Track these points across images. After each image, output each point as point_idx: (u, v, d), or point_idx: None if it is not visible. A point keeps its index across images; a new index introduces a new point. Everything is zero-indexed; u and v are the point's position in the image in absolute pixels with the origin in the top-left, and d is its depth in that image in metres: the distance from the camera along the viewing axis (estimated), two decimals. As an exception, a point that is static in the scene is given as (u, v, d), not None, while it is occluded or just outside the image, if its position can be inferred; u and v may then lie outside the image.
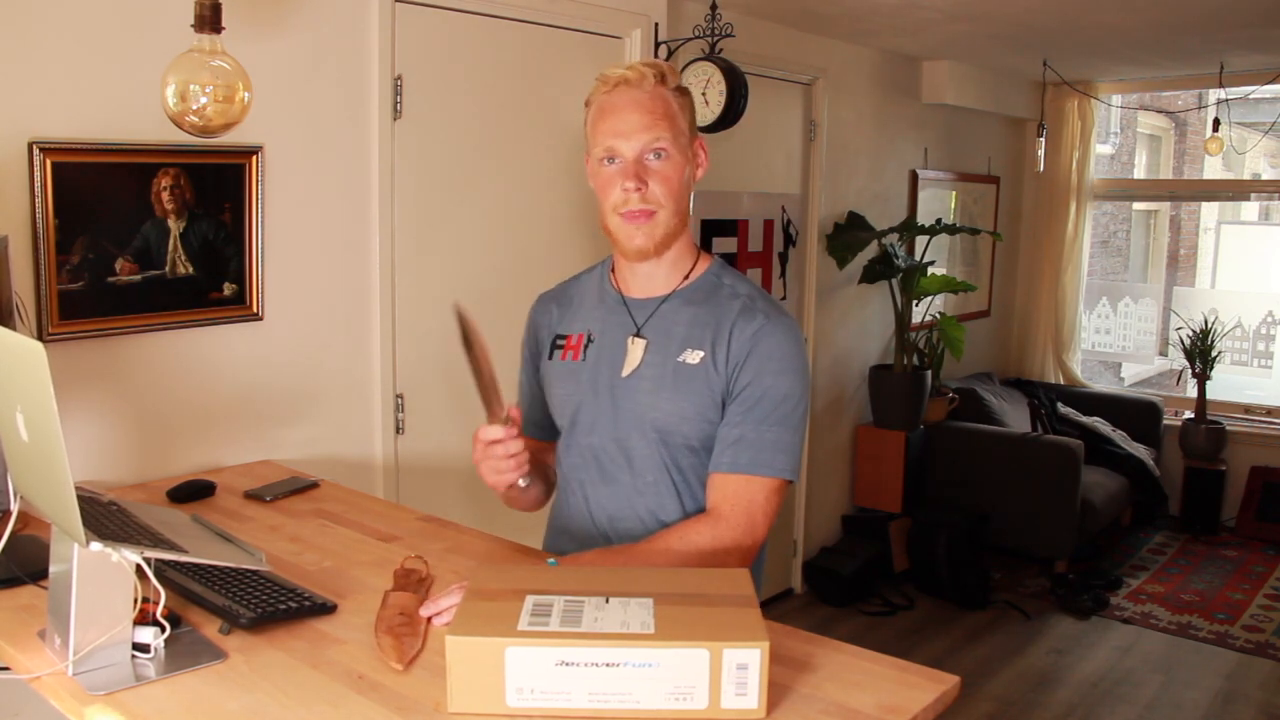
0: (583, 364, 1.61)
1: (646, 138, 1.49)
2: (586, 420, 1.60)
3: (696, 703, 1.14)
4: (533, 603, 1.23)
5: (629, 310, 1.60)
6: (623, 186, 1.50)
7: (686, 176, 1.54)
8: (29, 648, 1.34)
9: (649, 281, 1.60)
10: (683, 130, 1.53)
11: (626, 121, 1.50)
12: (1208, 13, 3.84)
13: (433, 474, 2.77)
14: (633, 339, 1.57)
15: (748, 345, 1.51)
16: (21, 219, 1.98)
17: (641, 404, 1.55)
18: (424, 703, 1.21)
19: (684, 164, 1.53)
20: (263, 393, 2.41)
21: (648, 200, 1.50)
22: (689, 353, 1.53)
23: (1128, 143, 8.33)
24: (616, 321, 1.60)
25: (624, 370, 1.57)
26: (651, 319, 1.58)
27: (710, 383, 1.52)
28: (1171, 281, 7.91)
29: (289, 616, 1.43)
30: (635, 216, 1.50)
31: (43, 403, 1.16)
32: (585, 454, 1.61)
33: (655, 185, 1.50)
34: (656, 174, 1.50)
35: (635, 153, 1.50)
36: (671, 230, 1.53)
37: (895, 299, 4.72)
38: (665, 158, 1.50)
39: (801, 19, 3.97)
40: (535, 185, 2.98)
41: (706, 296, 1.57)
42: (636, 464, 1.57)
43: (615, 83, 1.52)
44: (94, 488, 1.76)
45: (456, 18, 2.70)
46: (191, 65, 1.86)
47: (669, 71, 1.54)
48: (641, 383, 1.55)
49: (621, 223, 1.52)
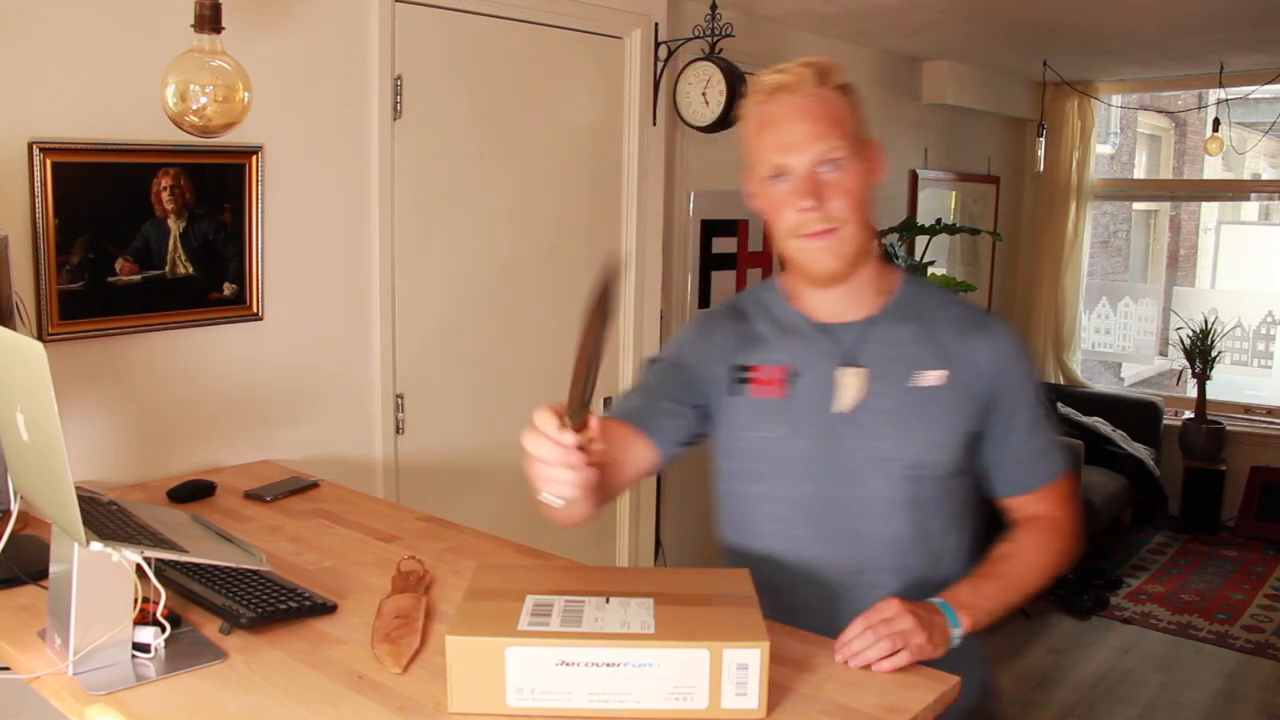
0: (789, 401, 1.40)
1: (819, 149, 1.31)
2: (797, 468, 1.40)
3: (696, 703, 1.14)
4: (533, 603, 1.23)
5: (830, 337, 1.40)
6: (798, 207, 1.32)
7: (866, 184, 1.36)
8: (29, 648, 1.34)
9: (844, 304, 1.41)
10: (855, 133, 1.35)
11: (793, 133, 1.32)
12: (1208, 13, 3.84)
13: (433, 474, 2.77)
14: (842, 370, 1.38)
15: (998, 356, 1.39)
16: (21, 219, 1.98)
17: (879, 441, 1.36)
18: (424, 703, 1.21)
19: (862, 171, 1.35)
20: (263, 393, 2.41)
21: (829, 218, 1.32)
22: (924, 374, 1.37)
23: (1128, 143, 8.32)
24: (818, 351, 1.40)
25: (835, 406, 1.38)
26: (863, 346, 1.39)
27: (960, 402, 1.37)
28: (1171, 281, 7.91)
29: (289, 616, 1.43)
30: (817, 235, 1.33)
31: (43, 403, 1.16)
32: (797, 507, 1.41)
33: (835, 200, 1.32)
34: (834, 187, 1.32)
35: (807, 167, 1.32)
36: (860, 245, 1.35)
37: (895, 299, 4.71)
38: (842, 168, 1.32)
39: (801, 19, 3.97)
40: (535, 185, 2.98)
41: (917, 312, 1.42)
42: (870, 510, 1.38)
43: (772, 90, 1.35)
44: (94, 488, 1.76)
45: (456, 18, 2.70)
46: (191, 65, 1.86)
47: (829, 69, 1.36)
48: (872, 417, 1.37)
49: (803, 245, 1.35)
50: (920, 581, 1.39)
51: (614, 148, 3.19)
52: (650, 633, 1.15)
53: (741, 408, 1.43)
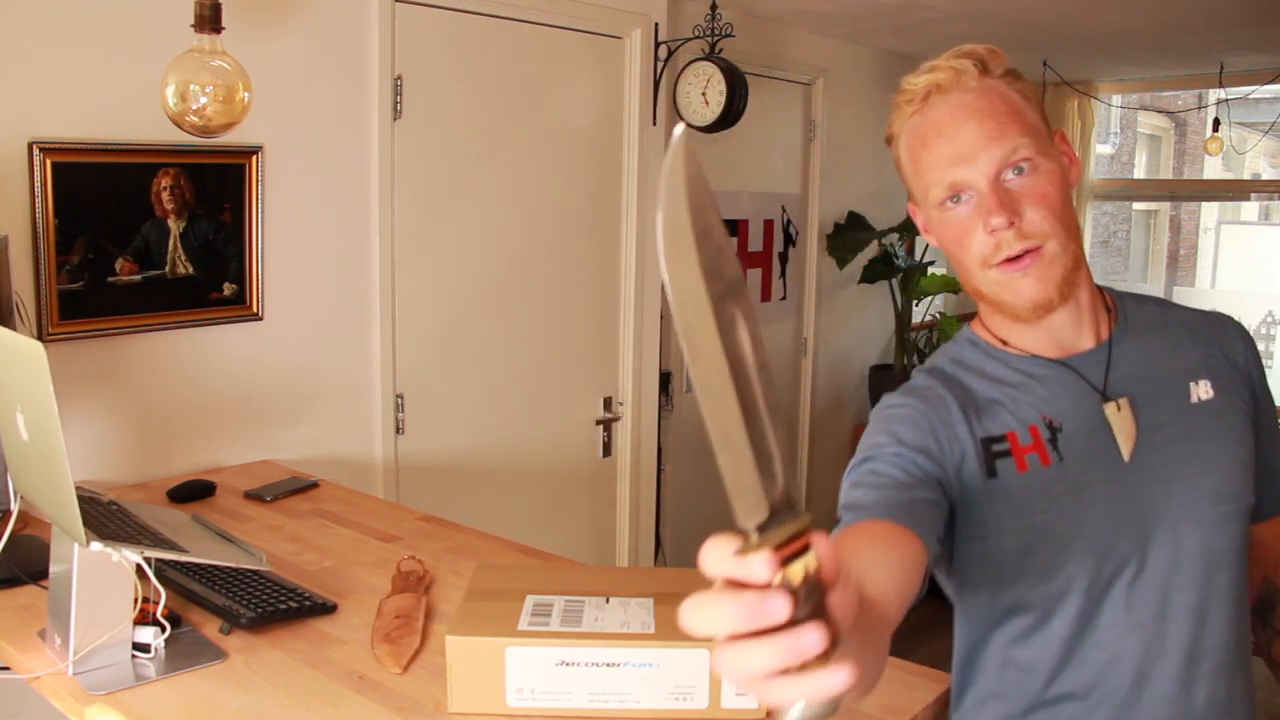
0: (1063, 465, 1.07)
1: (999, 152, 1.04)
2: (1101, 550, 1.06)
3: (696, 702, 1.15)
4: (533, 603, 1.23)
5: (1077, 373, 1.11)
6: (988, 228, 1.04)
7: (1065, 184, 1.08)
8: (29, 648, 1.34)
9: (1073, 331, 1.13)
10: (1039, 127, 1.08)
11: (964, 138, 1.05)
12: (1208, 13, 3.84)
13: (433, 474, 2.77)
14: (1108, 405, 1.09)
15: (1248, 349, 1.19)
16: (21, 219, 1.98)
17: (1180, 480, 1.07)
18: (424, 703, 1.21)
19: (1057, 169, 1.07)
20: (263, 393, 2.41)
21: (1026, 235, 1.04)
22: (1191, 387, 1.13)
23: (1128, 143, 8.33)
24: (1071, 392, 1.10)
25: (1124, 450, 1.08)
26: (1112, 374, 1.11)
27: (1238, 409, 1.14)
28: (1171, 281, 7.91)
29: (289, 616, 1.43)
30: (1017, 262, 1.05)
31: (43, 403, 1.16)
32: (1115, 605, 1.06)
33: (1030, 212, 1.04)
34: (1027, 196, 1.05)
35: (990, 176, 1.04)
36: (1070, 262, 1.07)
37: (895, 299, 4.72)
38: (1032, 171, 1.05)
39: (801, 19, 3.97)
40: (535, 185, 2.98)
41: (1148, 321, 1.17)
42: (1196, 575, 1.07)
43: (926, 92, 1.08)
44: (94, 488, 1.76)
45: (456, 18, 2.70)
46: (191, 65, 1.86)
47: (991, 55, 1.09)
48: (1162, 453, 1.08)
49: (1000, 275, 1.07)
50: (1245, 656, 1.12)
51: (614, 148, 3.19)
52: (650, 633, 1.15)
53: (1008, 490, 1.07)
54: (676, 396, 3.76)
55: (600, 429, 3.23)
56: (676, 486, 3.83)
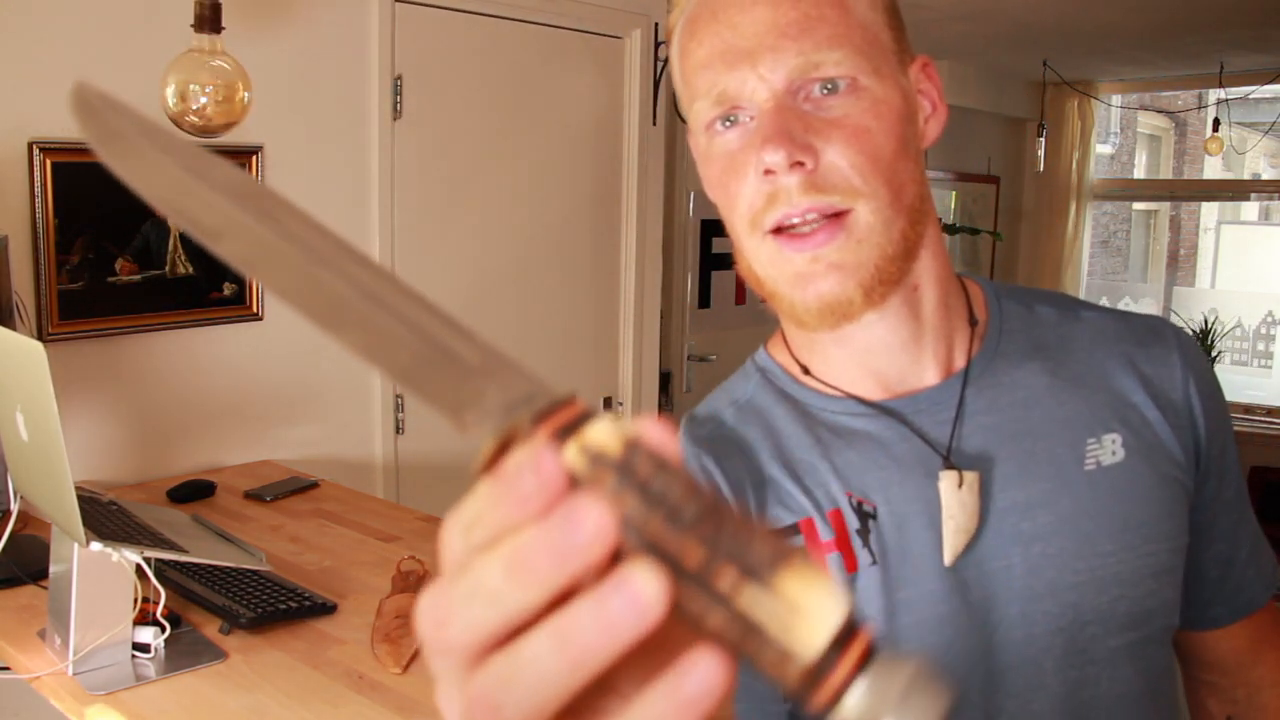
0: (878, 570, 0.71)
1: (797, 54, 0.66)
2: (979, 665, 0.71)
3: None
4: None
5: (906, 424, 0.74)
6: (761, 166, 0.67)
7: (904, 126, 0.71)
8: (29, 648, 1.34)
9: (900, 360, 0.75)
10: (877, 35, 0.71)
11: (747, 27, 0.67)
12: (1208, 13, 3.84)
13: (433, 474, 2.77)
14: (946, 476, 0.71)
15: (1181, 380, 0.77)
16: (21, 219, 1.98)
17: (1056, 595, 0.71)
18: (424, 703, 1.21)
19: (895, 102, 0.70)
20: (263, 393, 2.41)
21: (822, 187, 0.66)
22: (1094, 446, 0.74)
23: (1128, 143, 8.33)
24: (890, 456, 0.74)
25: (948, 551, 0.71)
26: (966, 423, 0.74)
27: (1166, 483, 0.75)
28: (1171, 281, 7.91)
29: (289, 616, 1.43)
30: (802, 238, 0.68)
31: (43, 403, 1.16)
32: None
33: (836, 152, 0.67)
34: (836, 128, 0.67)
35: (777, 88, 0.67)
36: (893, 243, 0.69)
37: (895, 299, 4.71)
38: (851, 92, 0.68)
39: (801, 19, 3.97)
40: (535, 185, 2.98)
41: (1034, 338, 0.78)
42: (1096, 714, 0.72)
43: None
44: (94, 488, 1.76)
45: (456, 18, 2.70)
46: (191, 65, 1.86)
47: None
48: (1027, 554, 0.71)
49: (774, 250, 0.70)
50: None
51: (614, 148, 3.19)
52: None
53: None
54: (676, 396, 3.76)
55: (600, 429, 3.23)
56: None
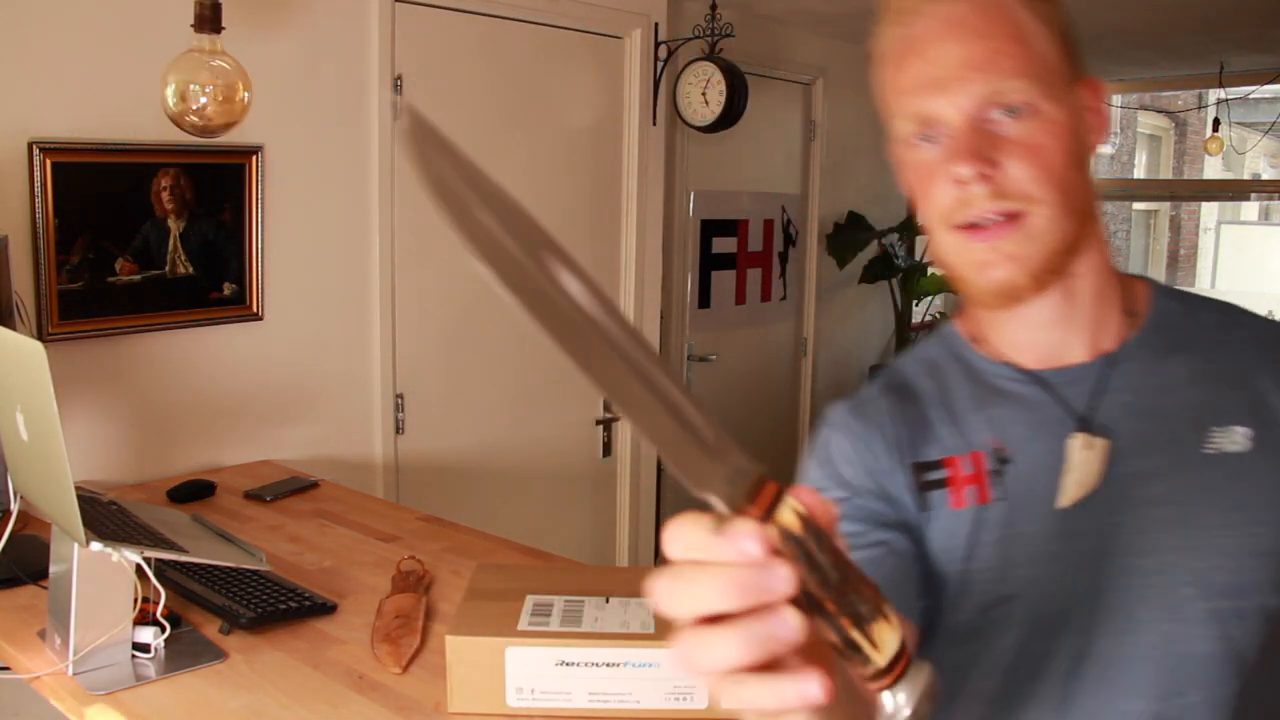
0: (1006, 503, 0.82)
1: (985, 83, 0.78)
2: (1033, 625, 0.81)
3: (696, 703, 1.15)
4: (533, 603, 1.23)
5: (1052, 392, 0.85)
6: (953, 176, 0.79)
7: (1074, 142, 0.81)
8: (29, 648, 1.34)
9: (1062, 335, 0.86)
10: (1051, 63, 0.80)
11: (942, 60, 0.80)
12: (1208, 13, 3.84)
13: (433, 474, 2.77)
14: (1080, 440, 0.82)
15: None
16: (21, 219, 1.98)
17: (1160, 553, 0.79)
18: (424, 703, 1.21)
19: (1068, 121, 0.80)
20: (263, 393, 2.41)
21: (1005, 194, 0.79)
22: (1221, 433, 0.82)
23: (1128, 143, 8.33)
24: (1039, 420, 0.84)
25: (1062, 497, 0.81)
26: (1105, 398, 0.84)
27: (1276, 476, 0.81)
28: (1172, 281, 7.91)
29: (289, 616, 1.43)
30: (984, 231, 0.80)
31: (43, 403, 1.16)
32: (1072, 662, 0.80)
33: (1017, 166, 0.79)
34: (1015, 146, 0.79)
35: (967, 111, 0.79)
36: (1061, 241, 0.80)
37: (895, 299, 4.72)
38: (1031, 115, 0.79)
39: (801, 19, 3.97)
40: (535, 185, 2.97)
41: (1187, 333, 0.88)
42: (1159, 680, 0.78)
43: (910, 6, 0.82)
44: (94, 488, 1.76)
45: (456, 18, 2.70)
46: (191, 65, 1.86)
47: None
48: (1140, 515, 0.80)
49: (961, 243, 0.82)
50: None
51: (614, 148, 3.19)
52: (650, 633, 1.16)
53: (939, 528, 0.84)
54: (676, 396, 3.75)
55: (600, 429, 3.23)
56: (676, 486, 3.82)
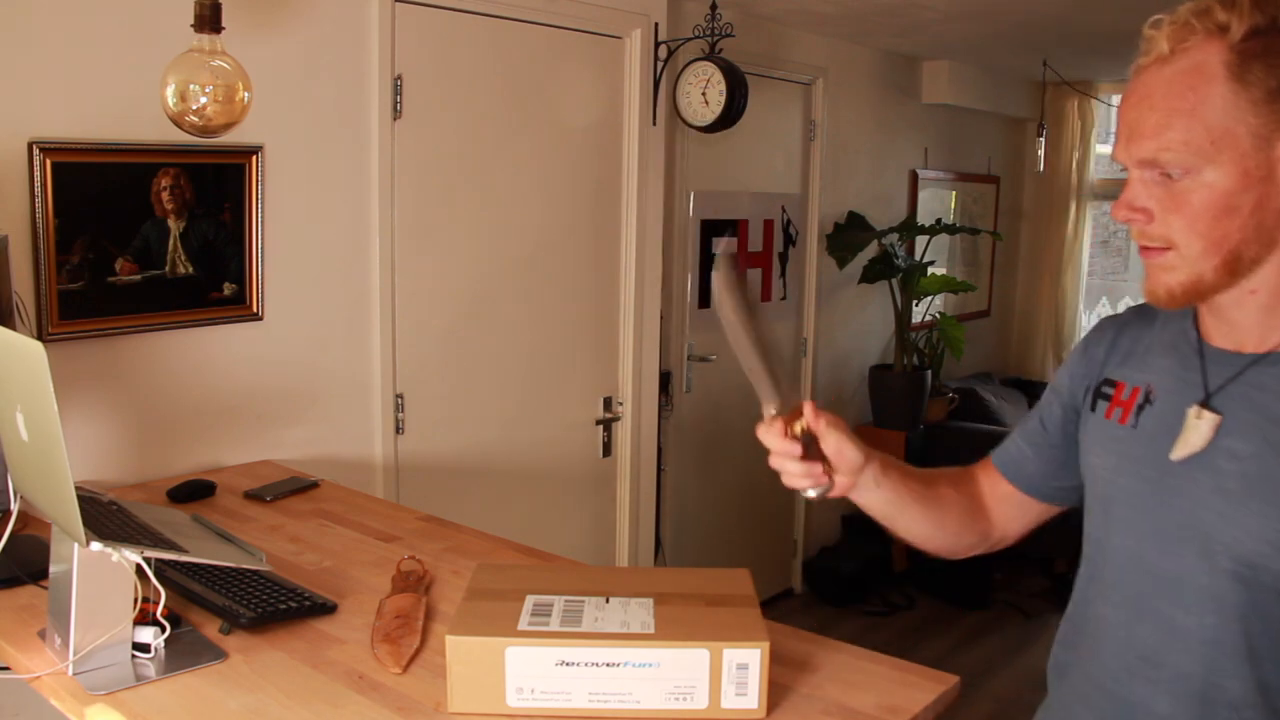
0: (1132, 431, 1.10)
1: (1147, 149, 0.98)
2: (1125, 513, 1.10)
3: (697, 703, 1.15)
4: (533, 602, 1.23)
5: (1203, 366, 1.06)
6: (1120, 210, 1.03)
7: (1237, 199, 0.96)
8: (29, 648, 1.34)
9: (1239, 329, 1.05)
10: (1221, 127, 0.95)
11: (1129, 120, 1.01)
12: (1208, 13, 3.83)
13: (433, 474, 2.77)
14: (1197, 409, 1.04)
15: None
16: (21, 219, 1.98)
17: (1207, 511, 1.02)
18: (424, 703, 1.21)
19: (1230, 181, 0.96)
20: (263, 393, 2.41)
21: (1150, 236, 1.01)
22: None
23: (1128, 143, 8.32)
24: (1183, 380, 1.08)
25: (1175, 451, 1.04)
26: (1233, 385, 1.03)
27: None
28: (1171, 281, 7.90)
29: (289, 616, 1.43)
30: (1144, 252, 1.03)
31: (43, 403, 1.16)
32: (1108, 557, 1.12)
33: (1163, 217, 0.99)
34: (1168, 201, 0.99)
35: (1135, 164, 1.01)
36: (1204, 278, 1.00)
37: (895, 299, 4.72)
38: (1186, 176, 0.97)
39: (801, 19, 3.97)
40: (535, 185, 2.98)
41: None
42: (1187, 595, 1.03)
43: (1142, 50, 1.03)
44: (94, 488, 1.76)
45: (456, 18, 2.70)
46: (191, 65, 1.86)
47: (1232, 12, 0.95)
48: (1209, 478, 1.02)
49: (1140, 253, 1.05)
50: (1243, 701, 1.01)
51: (614, 148, 3.19)
52: (651, 633, 1.16)
53: (1092, 427, 1.16)
54: (676, 396, 3.76)
55: (600, 429, 3.23)
56: (676, 486, 3.82)
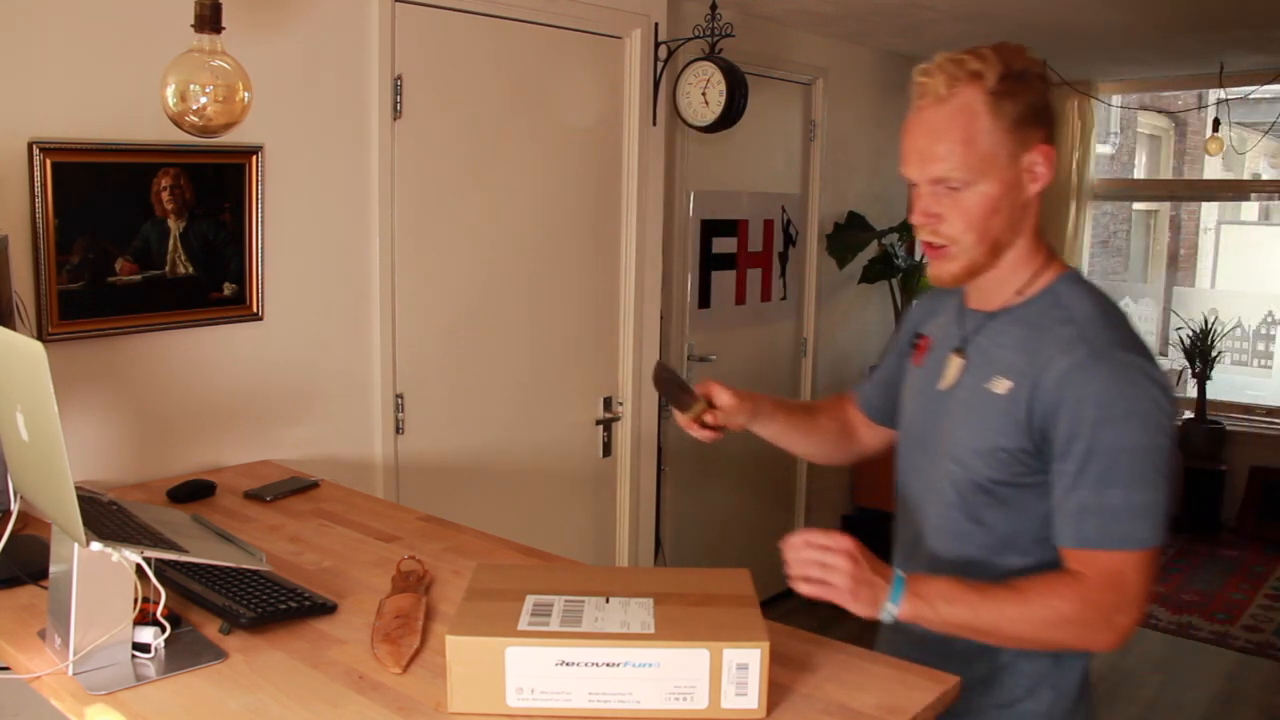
0: (921, 370, 1.49)
1: (928, 171, 1.29)
2: (912, 433, 1.50)
3: (697, 703, 1.15)
4: (533, 602, 1.23)
5: (962, 321, 1.44)
6: (913, 218, 1.34)
7: (1000, 202, 1.29)
8: (29, 648, 1.34)
9: (982, 294, 1.41)
10: (988, 152, 1.26)
11: (910, 147, 1.31)
12: (1208, 13, 3.84)
13: (433, 474, 2.77)
14: (952, 354, 1.42)
15: (1057, 388, 1.26)
16: (21, 219, 1.98)
17: (948, 428, 1.40)
18: (424, 703, 1.21)
19: (993, 189, 1.28)
20: (263, 393, 2.41)
21: (937, 234, 1.31)
22: (998, 380, 1.33)
23: (1128, 143, 8.33)
24: (950, 333, 1.46)
25: (940, 384, 1.43)
26: (976, 337, 1.40)
27: (1012, 419, 1.30)
28: (1171, 281, 7.91)
29: (289, 616, 1.43)
30: (928, 250, 1.34)
31: (43, 403, 1.16)
32: (906, 460, 1.51)
33: (946, 221, 1.30)
34: (950, 208, 1.29)
35: (922, 182, 1.30)
36: (976, 261, 1.33)
37: (895, 299, 4.72)
38: (964, 187, 1.27)
39: (801, 19, 3.97)
40: (535, 185, 2.98)
41: (1038, 316, 1.34)
42: (933, 493, 1.43)
43: (917, 90, 1.32)
44: (94, 488, 1.76)
45: (456, 18, 2.70)
46: (191, 65, 1.86)
47: (983, 64, 1.26)
48: (952, 405, 1.40)
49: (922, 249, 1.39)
50: (967, 562, 1.38)
51: (614, 148, 3.19)
52: (650, 633, 1.15)
53: (907, 372, 1.54)
54: (676, 396, 3.75)
55: (600, 429, 3.23)
56: (676, 486, 3.82)
